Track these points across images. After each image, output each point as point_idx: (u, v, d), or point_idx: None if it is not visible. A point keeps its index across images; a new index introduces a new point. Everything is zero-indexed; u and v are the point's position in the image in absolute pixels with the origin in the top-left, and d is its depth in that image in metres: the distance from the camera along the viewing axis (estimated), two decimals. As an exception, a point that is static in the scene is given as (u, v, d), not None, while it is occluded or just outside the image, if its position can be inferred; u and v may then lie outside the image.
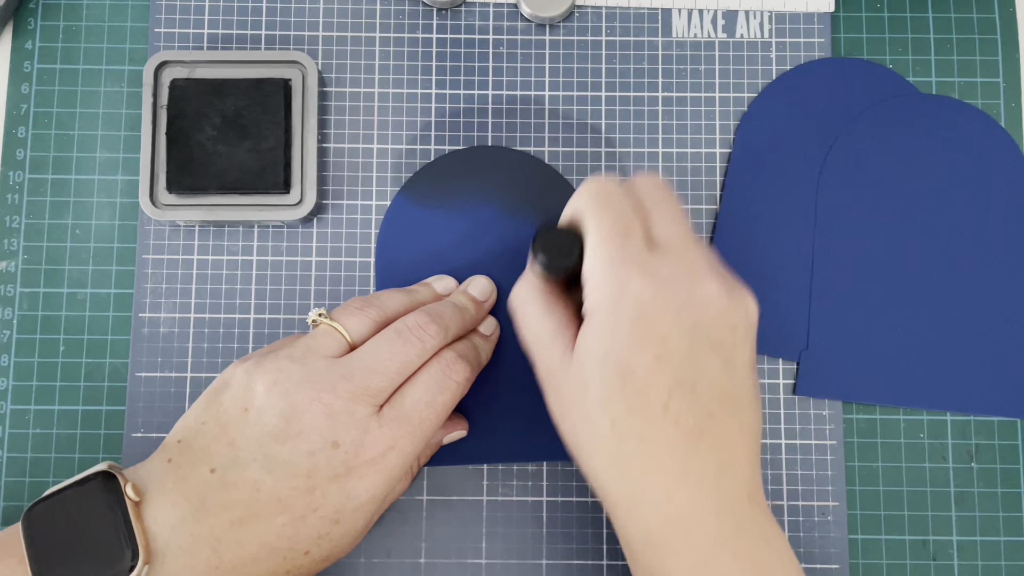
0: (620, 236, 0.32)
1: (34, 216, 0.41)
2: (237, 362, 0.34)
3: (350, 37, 0.43)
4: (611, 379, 0.30)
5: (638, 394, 0.30)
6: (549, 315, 0.33)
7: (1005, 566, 0.40)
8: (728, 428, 0.31)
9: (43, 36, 0.43)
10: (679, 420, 0.30)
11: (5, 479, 0.40)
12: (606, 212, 0.32)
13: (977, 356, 0.40)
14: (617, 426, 0.30)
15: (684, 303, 0.31)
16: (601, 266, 0.31)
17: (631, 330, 0.30)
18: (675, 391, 0.30)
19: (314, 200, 0.40)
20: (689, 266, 0.32)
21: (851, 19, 0.43)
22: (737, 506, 0.31)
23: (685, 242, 0.33)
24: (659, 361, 0.30)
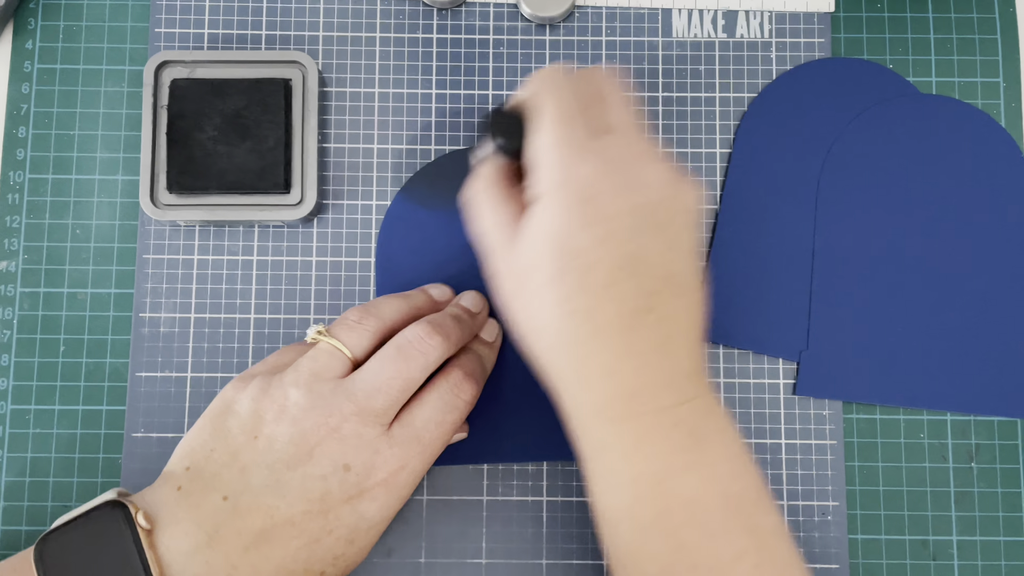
0: (568, 120, 0.32)
1: (34, 216, 0.41)
2: (238, 383, 0.34)
3: (350, 37, 0.43)
4: (558, 259, 0.31)
5: (583, 273, 0.31)
6: (501, 206, 0.33)
7: (1005, 566, 0.40)
8: (672, 307, 0.31)
9: (43, 36, 0.43)
10: (623, 298, 0.31)
11: (5, 479, 0.40)
12: (555, 97, 0.32)
13: (977, 356, 0.40)
14: (563, 304, 0.31)
15: (629, 184, 0.31)
16: (548, 149, 0.32)
17: (577, 211, 0.31)
18: (619, 270, 0.31)
19: (314, 200, 0.40)
20: (636, 150, 0.32)
21: (851, 19, 0.43)
22: (679, 380, 0.32)
23: (632, 128, 0.33)
24: (604, 241, 0.31)
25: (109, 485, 0.40)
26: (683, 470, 0.31)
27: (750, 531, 0.31)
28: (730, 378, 0.41)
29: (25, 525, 0.39)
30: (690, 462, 0.31)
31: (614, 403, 0.31)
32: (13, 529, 0.39)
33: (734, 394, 0.41)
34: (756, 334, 0.41)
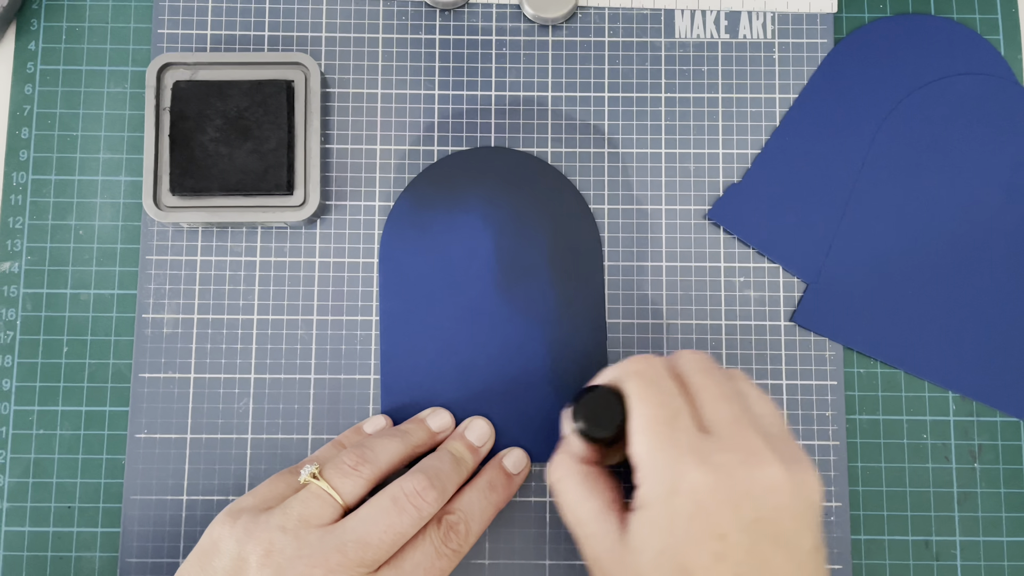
0: (669, 420, 0.31)
1: (37, 217, 0.41)
2: (226, 518, 0.33)
3: (353, 38, 0.43)
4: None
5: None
6: (592, 495, 0.32)
7: (1008, 567, 0.40)
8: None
9: (46, 37, 0.43)
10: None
11: (8, 480, 0.40)
12: (652, 393, 0.31)
13: (993, 345, 0.40)
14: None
15: (743, 494, 0.30)
16: (651, 454, 0.30)
17: (688, 526, 0.29)
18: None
19: (317, 201, 0.40)
20: (745, 451, 0.30)
21: (854, 20, 0.43)
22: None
23: (738, 423, 0.31)
24: (719, 560, 0.29)
25: (112, 486, 0.40)
26: None
27: None
28: (733, 379, 0.41)
29: (28, 526, 0.39)
30: None
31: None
32: (16, 530, 0.39)
33: (737, 395, 0.41)
34: (780, 245, 0.41)
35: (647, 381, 0.32)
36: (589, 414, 0.32)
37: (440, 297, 0.41)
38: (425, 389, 0.40)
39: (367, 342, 0.41)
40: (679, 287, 0.41)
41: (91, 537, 0.40)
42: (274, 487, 0.35)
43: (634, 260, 0.42)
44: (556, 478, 0.34)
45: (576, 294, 0.41)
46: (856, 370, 0.41)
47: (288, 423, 0.40)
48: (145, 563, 0.39)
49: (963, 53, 0.43)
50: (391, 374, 0.40)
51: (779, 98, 0.43)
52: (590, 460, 0.34)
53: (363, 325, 0.41)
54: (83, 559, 0.39)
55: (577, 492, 0.33)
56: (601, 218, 0.42)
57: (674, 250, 0.42)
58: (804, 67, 0.43)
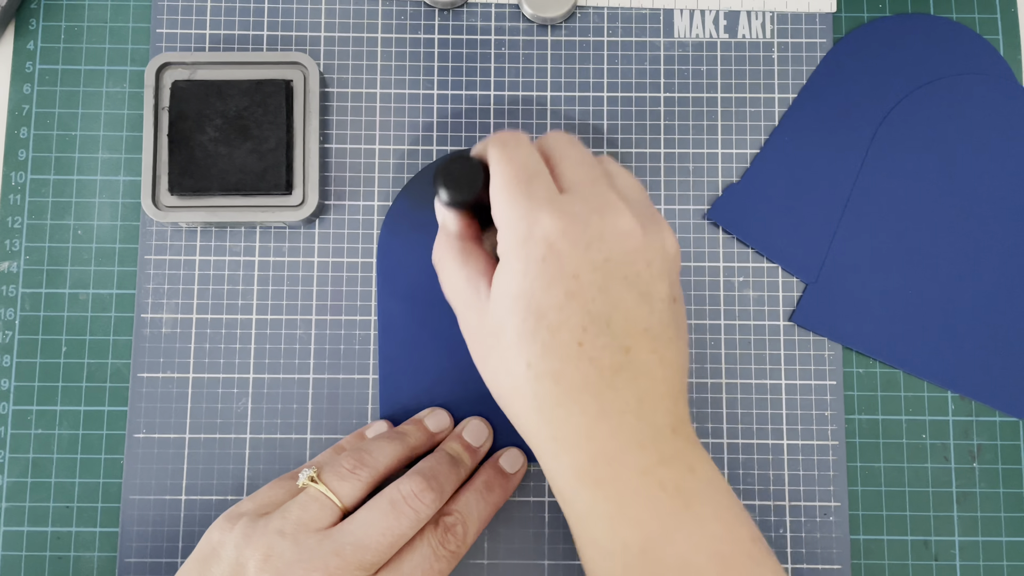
0: (526, 179, 0.31)
1: (36, 217, 0.41)
2: (224, 523, 0.33)
3: (351, 38, 0.43)
4: (524, 319, 0.30)
5: (551, 333, 0.30)
6: (465, 265, 0.33)
7: (1007, 566, 0.40)
8: (647, 362, 0.30)
9: (45, 37, 0.43)
10: (594, 356, 0.30)
11: (7, 479, 0.40)
12: (511, 156, 0.32)
13: (992, 345, 0.40)
14: (533, 367, 0.30)
15: (594, 238, 0.30)
16: (507, 208, 0.31)
17: (540, 268, 0.30)
18: (589, 327, 0.30)
19: (316, 201, 0.40)
20: (599, 202, 0.31)
21: (853, 19, 0.43)
22: (660, 438, 0.31)
23: (596, 183, 0.32)
24: (571, 298, 0.30)
25: (111, 486, 0.40)
26: (671, 534, 0.30)
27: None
28: (732, 379, 0.41)
29: (27, 526, 0.39)
30: (678, 524, 0.30)
31: (593, 467, 0.30)
32: (15, 530, 0.39)
33: (736, 395, 0.41)
34: (779, 244, 0.41)
35: (508, 146, 0.32)
36: (449, 180, 0.32)
37: (439, 297, 0.41)
38: (423, 389, 0.40)
39: (366, 342, 0.41)
40: (678, 287, 0.41)
41: (90, 537, 0.39)
42: (273, 492, 0.35)
43: (633, 260, 0.41)
44: (436, 258, 0.34)
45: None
46: (855, 370, 0.41)
47: (287, 423, 0.40)
48: (144, 563, 0.39)
49: (962, 53, 0.43)
50: (390, 374, 0.40)
51: (778, 98, 0.43)
52: (468, 236, 0.34)
53: (362, 325, 0.41)
54: (82, 559, 0.39)
55: (453, 264, 0.33)
56: (600, 218, 0.42)
57: (673, 250, 0.42)
58: (803, 67, 0.43)
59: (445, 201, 0.33)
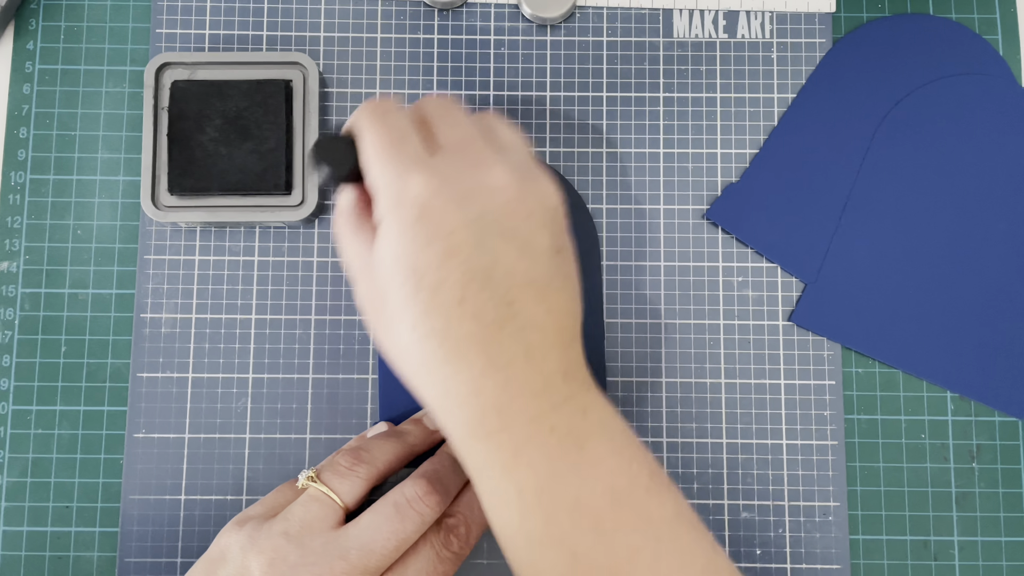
0: (396, 142, 0.31)
1: (36, 217, 0.41)
2: (233, 526, 0.34)
3: (351, 38, 0.43)
4: (404, 282, 0.30)
5: (432, 292, 0.29)
6: (355, 237, 0.33)
7: (1007, 566, 0.40)
8: (533, 313, 0.30)
9: (44, 37, 0.43)
10: (477, 312, 0.30)
11: (7, 479, 0.40)
12: (381, 123, 0.32)
13: (992, 345, 0.40)
14: (417, 328, 0.30)
15: (467, 193, 0.30)
16: (379, 170, 0.31)
17: (415, 229, 0.30)
18: (469, 284, 0.29)
19: (316, 201, 0.40)
20: (472, 158, 0.31)
21: (852, 19, 0.43)
22: (551, 385, 0.30)
23: (470, 140, 0.32)
24: (448, 256, 0.29)
25: (111, 486, 0.40)
26: (565, 475, 0.30)
27: (644, 524, 0.30)
28: (731, 379, 0.41)
29: (27, 526, 0.39)
30: (571, 465, 0.30)
31: (485, 420, 0.30)
32: (15, 530, 0.39)
33: (735, 395, 0.41)
34: (778, 244, 0.41)
35: (376, 114, 0.32)
36: (322, 157, 0.32)
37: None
38: (423, 389, 0.40)
39: (365, 342, 0.41)
40: (677, 287, 0.41)
41: (89, 537, 0.39)
42: (280, 496, 0.35)
43: (632, 260, 0.42)
44: (334, 234, 0.34)
45: (574, 294, 0.41)
46: (854, 370, 0.41)
47: (286, 423, 0.40)
48: (144, 563, 0.39)
49: (962, 53, 0.43)
50: (389, 374, 0.40)
51: (777, 98, 0.43)
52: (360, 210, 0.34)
53: (361, 325, 0.41)
54: (81, 559, 0.39)
55: (344, 239, 0.33)
56: (599, 218, 0.42)
57: (672, 250, 0.42)
58: (802, 67, 0.43)
59: (322, 179, 0.33)
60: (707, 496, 0.40)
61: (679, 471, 0.40)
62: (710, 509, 0.40)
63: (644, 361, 0.41)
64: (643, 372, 0.41)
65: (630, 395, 0.41)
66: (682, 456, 0.40)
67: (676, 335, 0.41)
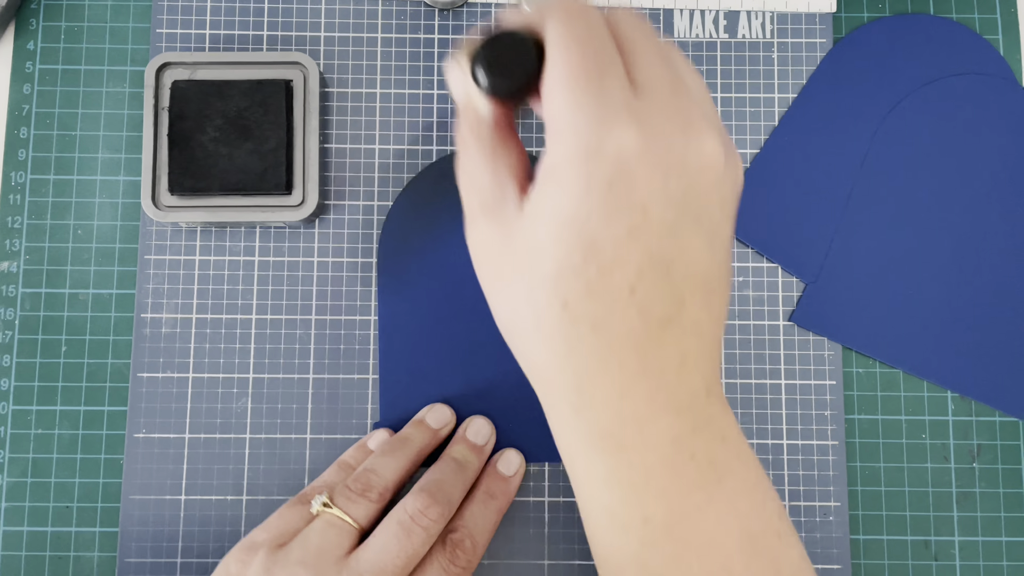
0: (599, 72, 0.25)
1: (36, 217, 0.41)
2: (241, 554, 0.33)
3: (351, 38, 0.43)
4: (571, 251, 0.25)
5: (601, 272, 0.25)
6: (495, 159, 0.27)
7: (1007, 566, 0.40)
8: (698, 317, 0.26)
9: (45, 37, 0.43)
10: (645, 306, 0.25)
11: (7, 479, 0.40)
12: (580, 38, 0.25)
13: (992, 345, 0.40)
14: (571, 308, 0.26)
15: (677, 164, 0.25)
16: (572, 108, 0.25)
17: (606, 193, 0.25)
18: (646, 272, 0.25)
19: (316, 201, 0.40)
20: (685, 119, 0.26)
21: (853, 19, 0.43)
22: (696, 402, 0.27)
23: (676, 87, 0.26)
24: (633, 235, 0.25)
25: (111, 486, 0.40)
26: (700, 509, 0.27)
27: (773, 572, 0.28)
28: (731, 379, 0.41)
29: (27, 526, 0.39)
30: (707, 499, 0.27)
31: (621, 430, 0.27)
32: (15, 530, 0.39)
33: (736, 395, 0.41)
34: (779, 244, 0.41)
35: (575, 22, 0.26)
36: (491, 60, 0.26)
37: (439, 297, 0.41)
38: (424, 389, 0.40)
39: (366, 342, 0.41)
40: (678, 287, 0.41)
41: (89, 537, 0.39)
42: (286, 519, 0.34)
43: (633, 260, 0.41)
44: (459, 141, 0.29)
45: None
46: (855, 370, 0.41)
47: (287, 423, 0.40)
48: (144, 563, 0.39)
49: (962, 53, 0.43)
50: (390, 374, 0.40)
51: (778, 98, 0.43)
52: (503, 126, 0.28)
53: (362, 325, 0.41)
54: (81, 559, 0.39)
55: (480, 156, 0.28)
56: (600, 218, 0.42)
57: (673, 250, 0.42)
58: (803, 67, 0.43)
59: (486, 88, 0.26)
60: (708, 496, 0.40)
61: (680, 471, 0.40)
62: (711, 509, 0.40)
63: (645, 361, 0.41)
64: (644, 372, 0.41)
65: (631, 395, 0.41)
66: (683, 456, 0.40)
67: (677, 335, 0.41)
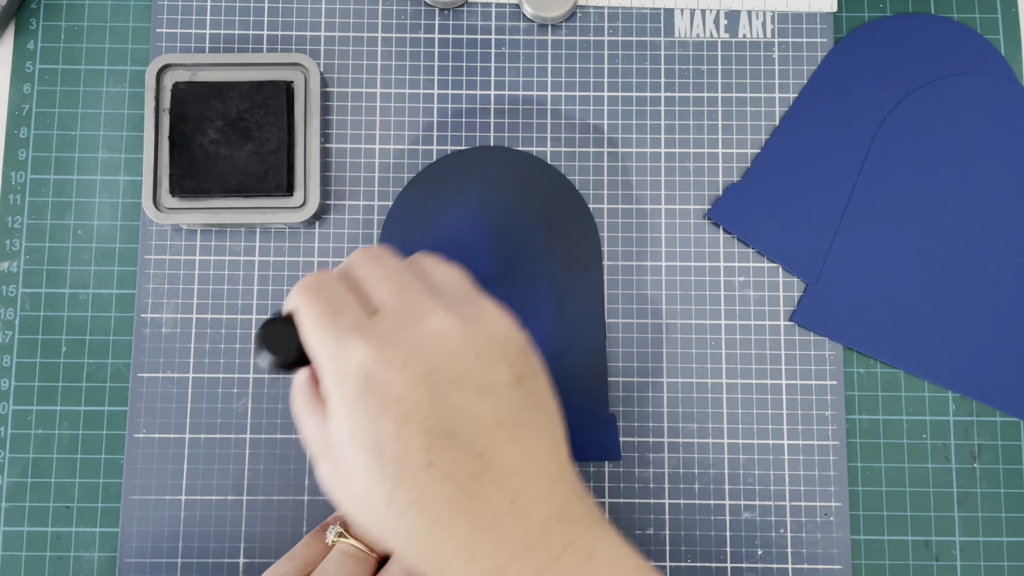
0: (332, 314, 0.30)
1: (36, 216, 0.41)
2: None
3: (352, 38, 0.43)
4: (367, 458, 0.28)
5: (397, 463, 0.28)
6: (312, 415, 0.31)
7: (1008, 567, 0.40)
8: (509, 457, 0.29)
9: (45, 36, 0.43)
10: (448, 473, 0.28)
11: (7, 479, 0.40)
12: (315, 297, 0.30)
13: (993, 345, 0.40)
14: (393, 502, 0.28)
15: (410, 350, 0.29)
16: (319, 347, 0.29)
17: (364, 402, 0.28)
18: (433, 446, 0.28)
19: (317, 202, 0.40)
20: (407, 312, 0.30)
21: (854, 19, 0.43)
22: (547, 533, 0.29)
23: (404, 292, 0.30)
24: (404, 423, 0.28)
25: (111, 486, 0.40)
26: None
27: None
28: (732, 379, 0.41)
29: (27, 526, 0.39)
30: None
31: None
32: (15, 530, 0.39)
33: (736, 395, 0.41)
34: (780, 244, 0.41)
35: (311, 290, 0.31)
36: (267, 344, 0.31)
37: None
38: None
39: (366, 342, 0.41)
40: (679, 287, 0.41)
41: (90, 537, 0.39)
42: (310, 549, 0.35)
43: (634, 260, 0.41)
44: (294, 413, 0.33)
45: (575, 294, 0.41)
46: (856, 370, 0.41)
47: (287, 423, 0.40)
48: (144, 563, 0.39)
49: (963, 53, 0.43)
50: None
51: (779, 97, 0.43)
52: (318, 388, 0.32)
53: (362, 325, 0.41)
54: (82, 559, 0.39)
55: (302, 417, 0.32)
56: (601, 218, 0.42)
57: (674, 250, 0.42)
58: (804, 66, 0.43)
59: (265, 367, 0.32)
60: (708, 496, 0.40)
61: (680, 471, 0.40)
62: (711, 509, 0.40)
63: (645, 361, 0.41)
64: (644, 372, 0.41)
65: (631, 395, 0.41)
66: (683, 456, 0.40)
67: (677, 335, 0.41)
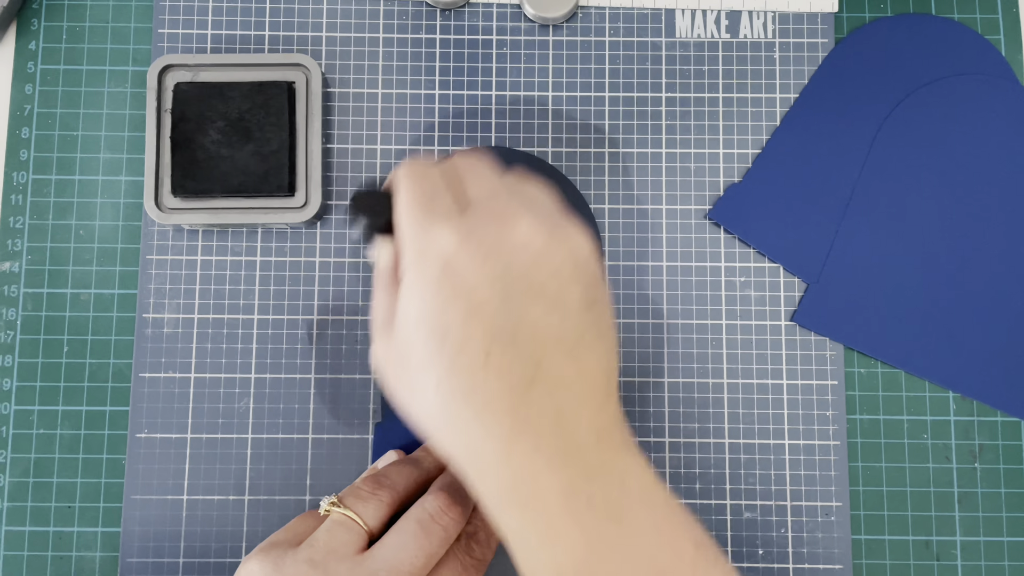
0: (427, 198, 0.31)
1: (38, 217, 0.41)
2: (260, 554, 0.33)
3: (353, 38, 0.43)
4: (428, 339, 0.29)
5: (457, 351, 0.29)
6: (385, 294, 0.32)
7: (1008, 566, 0.40)
8: (563, 372, 0.29)
9: (47, 37, 0.43)
10: (503, 373, 0.28)
11: (9, 479, 0.40)
12: (414, 179, 0.31)
13: (993, 345, 0.40)
14: (441, 387, 0.29)
15: (492, 250, 0.29)
16: (406, 225, 0.30)
17: (438, 286, 0.29)
18: (493, 343, 0.28)
19: (319, 202, 0.40)
20: (497, 213, 0.30)
21: (855, 19, 0.43)
22: (584, 451, 0.29)
23: (496, 194, 0.31)
24: (471, 314, 0.29)
25: (113, 486, 0.40)
26: (606, 553, 0.29)
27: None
28: (733, 379, 0.41)
29: (29, 526, 0.40)
30: (611, 541, 0.29)
31: (516, 489, 0.29)
32: (16, 530, 0.39)
33: (737, 395, 0.41)
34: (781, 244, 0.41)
35: (412, 173, 0.32)
36: (359, 209, 0.32)
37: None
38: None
39: (366, 342, 0.41)
40: (679, 287, 0.41)
41: (91, 537, 0.40)
42: (304, 523, 0.35)
43: (634, 260, 0.42)
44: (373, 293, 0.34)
45: (577, 294, 0.41)
46: (857, 370, 0.41)
47: (288, 423, 0.40)
48: (146, 563, 0.39)
49: (964, 53, 0.43)
50: None
51: (780, 98, 0.43)
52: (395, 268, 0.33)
53: (363, 325, 0.41)
54: (83, 559, 0.39)
55: (376, 297, 0.33)
56: (601, 218, 0.42)
57: (674, 250, 0.42)
58: (805, 67, 0.43)
59: (358, 230, 0.33)
60: (709, 496, 0.40)
61: (681, 471, 0.40)
62: (712, 509, 0.40)
63: (646, 361, 0.41)
64: (645, 372, 0.41)
65: (632, 395, 0.41)
66: (684, 456, 0.40)
67: (678, 335, 0.41)
